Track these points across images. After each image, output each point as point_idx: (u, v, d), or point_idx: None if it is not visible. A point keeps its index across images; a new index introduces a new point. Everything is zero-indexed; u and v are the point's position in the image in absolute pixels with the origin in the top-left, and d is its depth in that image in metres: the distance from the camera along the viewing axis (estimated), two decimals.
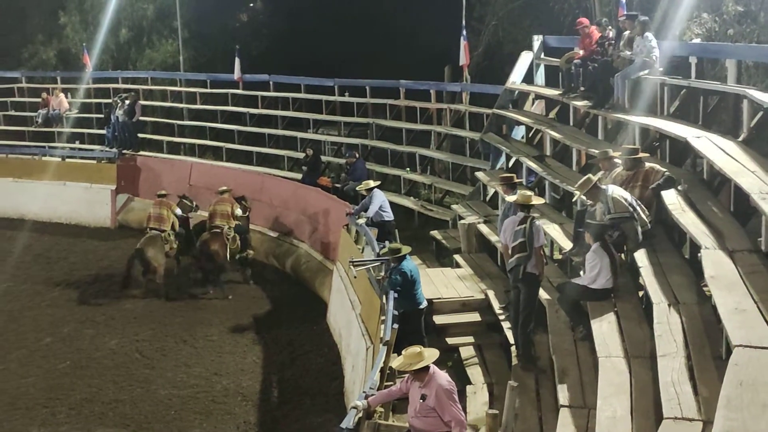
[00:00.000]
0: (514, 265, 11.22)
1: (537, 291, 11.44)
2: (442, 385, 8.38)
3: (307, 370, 14.13)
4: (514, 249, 11.21)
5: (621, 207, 11.05)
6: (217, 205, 18.31)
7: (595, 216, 11.26)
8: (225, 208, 18.26)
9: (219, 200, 18.45)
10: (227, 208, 18.25)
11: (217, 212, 18.17)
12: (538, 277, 11.30)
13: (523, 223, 11.15)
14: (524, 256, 11.05)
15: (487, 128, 19.79)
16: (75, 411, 12.98)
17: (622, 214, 11.04)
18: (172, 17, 33.01)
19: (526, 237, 11.04)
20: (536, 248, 11.12)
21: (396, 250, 12.26)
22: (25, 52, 36.04)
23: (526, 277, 11.13)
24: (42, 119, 31.23)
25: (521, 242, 11.08)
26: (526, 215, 11.25)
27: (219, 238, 17.85)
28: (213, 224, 18.01)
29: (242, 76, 28.49)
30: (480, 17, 26.80)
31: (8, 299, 18.05)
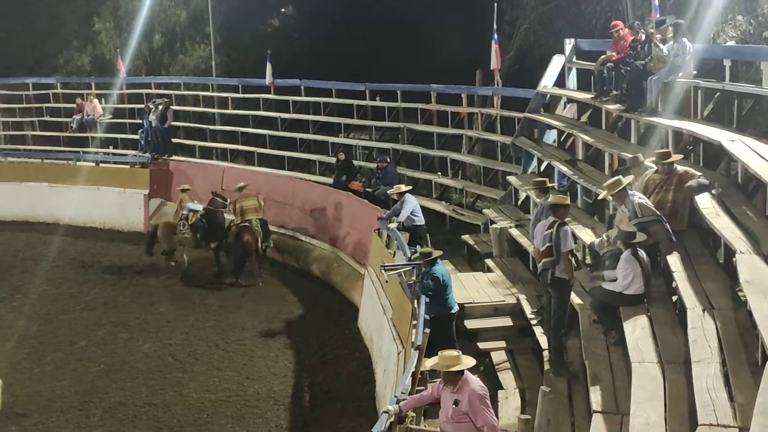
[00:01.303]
0: (542, 269, 11.19)
1: (567, 296, 11.35)
2: (476, 390, 8.34)
3: (339, 375, 14.15)
4: (542, 253, 11.16)
5: (648, 211, 11.03)
6: (244, 201, 18.99)
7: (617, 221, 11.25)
8: (252, 202, 19.03)
9: (242, 196, 19.15)
10: (254, 203, 19.05)
11: (246, 208, 18.91)
12: (568, 282, 11.22)
13: (551, 227, 11.09)
14: (551, 260, 10.99)
15: (518, 132, 19.72)
16: (109, 414, 13.09)
17: (649, 218, 10.99)
18: (204, 23, 33.25)
19: (553, 241, 10.96)
20: (564, 253, 11.04)
21: (427, 254, 12.26)
22: (60, 58, 36.49)
23: (554, 281, 11.08)
24: (76, 124, 31.55)
25: (548, 246, 11.01)
26: (555, 219, 11.17)
27: (249, 230, 18.63)
28: (245, 219, 18.76)
29: (274, 81, 28.59)
30: (511, 21, 26.73)
31: (44, 303, 18.23)
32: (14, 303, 18.36)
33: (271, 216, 21.16)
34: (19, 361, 15.14)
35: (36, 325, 16.98)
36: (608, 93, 16.64)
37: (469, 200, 21.03)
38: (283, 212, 21.17)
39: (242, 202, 19.01)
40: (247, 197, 19.18)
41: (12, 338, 16.29)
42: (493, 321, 13.61)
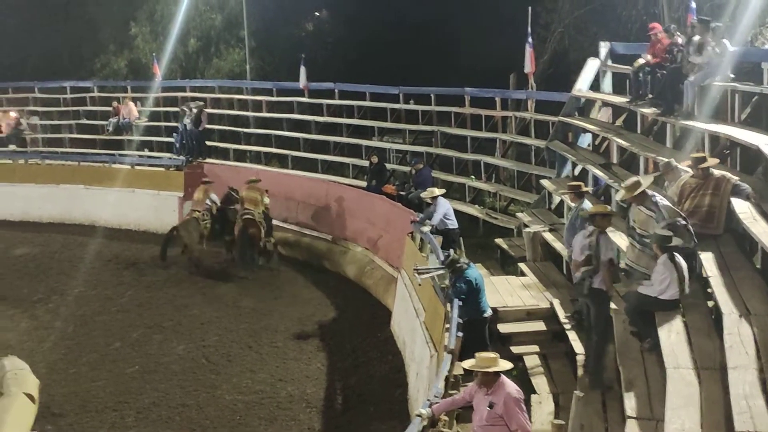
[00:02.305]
0: (579, 279, 11.05)
1: (606, 307, 11.10)
2: (511, 394, 8.31)
3: (372, 378, 14.16)
4: (581, 263, 11.02)
5: (673, 212, 10.96)
6: (247, 192, 20.20)
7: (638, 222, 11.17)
8: (254, 195, 20.13)
9: (248, 188, 20.35)
10: (256, 195, 20.11)
11: (247, 198, 20.03)
12: (606, 293, 11.06)
13: (591, 235, 10.97)
14: (590, 270, 10.87)
15: (552, 136, 19.64)
16: (143, 415, 13.20)
17: (677, 219, 10.92)
18: (239, 27, 33.44)
19: (593, 250, 10.84)
20: (604, 261, 10.93)
21: (454, 262, 12.22)
22: (97, 62, 36.87)
23: (592, 292, 10.93)
24: (112, 127, 31.82)
25: (588, 255, 10.88)
26: (595, 228, 11.03)
27: (253, 222, 19.64)
28: (244, 209, 19.84)
29: (308, 85, 28.67)
30: (546, 24, 26.65)
31: (80, 304, 18.42)
32: (51, 304, 18.56)
33: (305, 219, 21.32)
34: (55, 361, 15.31)
35: (72, 326, 17.16)
36: (644, 96, 16.53)
37: (503, 204, 20.96)
38: (316, 215, 21.24)
39: (246, 193, 20.25)
40: (252, 189, 20.29)
41: (49, 339, 16.48)
42: (527, 325, 13.55)
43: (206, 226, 20.51)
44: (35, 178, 26.76)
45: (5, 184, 26.71)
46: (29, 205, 26.05)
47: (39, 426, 11.57)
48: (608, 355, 11.03)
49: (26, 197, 26.16)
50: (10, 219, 25.95)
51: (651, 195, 11.13)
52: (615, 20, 23.72)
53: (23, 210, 26.06)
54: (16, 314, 17.88)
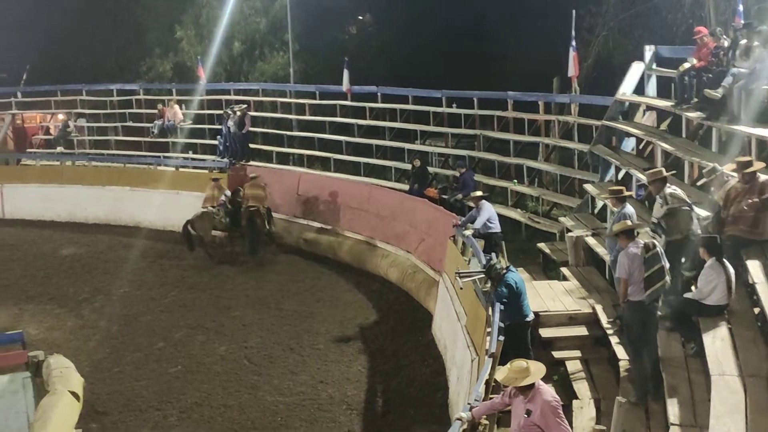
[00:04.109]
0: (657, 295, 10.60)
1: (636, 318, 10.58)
2: (548, 402, 8.19)
3: (412, 381, 14.14)
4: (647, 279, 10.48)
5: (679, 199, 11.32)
6: (251, 190, 21.72)
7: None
8: (258, 192, 21.71)
9: (251, 185, 21.95)
10: (260, 192, 21.73)
11: (252, 195, 21.54)
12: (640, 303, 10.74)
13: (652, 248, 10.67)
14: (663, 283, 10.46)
15: (596, 140, 19.50)
16: (185, 414, 13.32)
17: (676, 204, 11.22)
18: (283, 30, 33.69)
19: (663, 261, 10.42)
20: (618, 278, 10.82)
21: (492, 269, 12.16)
22: (143, 65, 37.37)
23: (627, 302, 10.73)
24: (157, 130, 32.16)
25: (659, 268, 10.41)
26: (646, 243, 10.77)
27: (259, 215, 21.32)
28: (249, 205, 21.30)
29: (351, 88, 28.75)
30: (590, 28, 26.49)
31: (124, 304, 18.64)
32: (96, 304, 18.81)
33: (347, 222, 21.38)
34: (100, 360, 15.51)
35: (116, 325, 17.37)
36: (689, 100, 16.35)
37: (545, 208, 20.86)
38: (358, 218, 21.29)
39: (249, 190, 21.71)
40: (255, 187, 21.88)
41: (94, 338, 16.71)
42: (568, 330, 13.45)
43: (220, 220, 21.63)
44: (82, 179, 27.13)
45: (53, 185, 27.13)
46: (76, 206, 26.42)
47: (83, 424, 11.69)
48: (650, 362, 10.93)
49: (73, 198, 26.53)
50: (57, 220, 26.37)
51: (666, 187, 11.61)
52: (660, 23, 23.51)
53: (70, 211, 26.43)
54: (63, 313, 18.15)
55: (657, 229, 11.75)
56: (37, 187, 27.31)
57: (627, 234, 10.78)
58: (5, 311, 18.29)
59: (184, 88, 34.05)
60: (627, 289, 10.54)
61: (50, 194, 26.91)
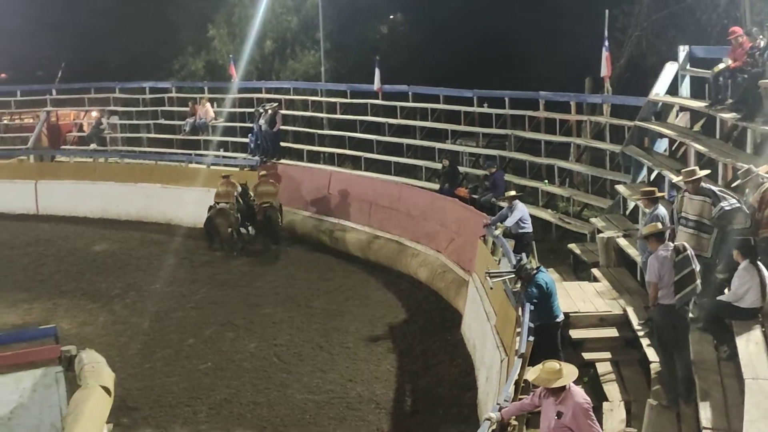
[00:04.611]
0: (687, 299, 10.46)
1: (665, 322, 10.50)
2: (580, 404, 8.12)
3: (441, 380, 14.13)
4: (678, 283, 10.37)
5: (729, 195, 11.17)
6: (263, 187, 22.62)
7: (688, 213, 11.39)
8: (270, 188, 22.60)
9: (261, 182, 22.87)
10: (271, 189, 22.60)
11: (264, 192, 22.42)
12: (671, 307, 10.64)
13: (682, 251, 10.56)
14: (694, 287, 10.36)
15: (628, 141, 19.37)
16: (215, 411, 13.39)
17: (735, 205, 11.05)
18: (314, 29, 33.72)
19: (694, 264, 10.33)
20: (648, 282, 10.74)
21: (522, 270, 12.11)
22: (175, 64, 37.60)
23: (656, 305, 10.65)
24: (189, 128, 32.32)
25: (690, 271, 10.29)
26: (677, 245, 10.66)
27: (274, 209, 22.22)
28: (263, 201, 22.21)
29: (382, 87, 28.74)
30: (623, 28, 26.33)
31: (155, 300, 18.79)
32: (128, 300, 18.97)
33: (377, 221, 21.40)
34: (131, 356, 15.64)
35: (148, 321, 17.50)
36: (723, 101, 16.20)
37: (576, 209, 20.75)
38: (389, 217, 21.30)
39: (261, 187, 22.58)
40: (266, 183, 22.79)
41: (125, 334, 16.85)
42: (599, 331, 13.38)
43: (236, 215, 22.39)
44: (114, 176, 27.38)
45: (86, 182, 27.40)
46: (108, 203, 26.65)
47: (114, 418, 11.78)
48: (682, 365, 10.84)
49: (106, 195, 26.77)
50: (90, 216, 26.64)
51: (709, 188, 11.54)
52: (694, 24, 23.31)
53: (103, 207, 26.68)
54: (95, 309, 18.33)
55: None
56: (70, 183, 27.60)
57: (657, 236, 10.69)
58: (39, 306, 18.51)
59: (216, 87, 34.23)
60: (657, 293, 10.46)
61: (83, 191, 27.18)
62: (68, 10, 36.94)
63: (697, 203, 11.62)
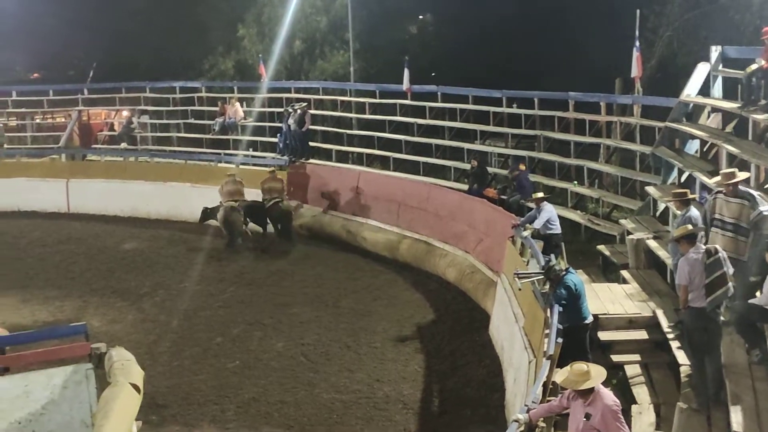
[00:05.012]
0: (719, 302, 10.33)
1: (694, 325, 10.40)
2: (609, 406, 8.08)
3: (469, 381, 14.09)
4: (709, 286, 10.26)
5: None
6: (271, 183, 23.02)
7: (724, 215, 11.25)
8: (278, 185, 23.09)
9: (269, 179, 23.16)
10: (279, 185, 23.12)
11: (273, 188, 22.91)
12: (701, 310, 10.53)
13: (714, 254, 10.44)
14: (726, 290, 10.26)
15: (659, 142, 19.24)
16: (242, 409, 13.42)
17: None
18: (344, 29, 33.78)
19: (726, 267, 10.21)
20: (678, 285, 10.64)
21: (551, 271, 12.05)
22: (205, 63, 37.85)
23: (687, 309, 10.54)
24: (219, 127, 32.52)
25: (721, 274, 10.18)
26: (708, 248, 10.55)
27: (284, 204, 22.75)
28: (272, 197, 22.71)
29: (411, 87, 28.75)
30: (654, 28, 26.14)
31: (184, 299, 18.86)
32: (156, 298, 19.07)
33: (405, 221, 21.38)
34: (160, 354, 15.71)
35: (176, 320, 17.57)
36: (756, 102, 16.03)
37: (606, 210, 20.64)
38: (417, 217, 21.26)
39: (268, 184, 22.95)
40: (273, 180, 23.18)
41: (154, 332, 16.93)
42: (628, 333, 13.29)
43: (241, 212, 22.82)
44: (145, 175, 27.53)
45: (117, 180, 27.58)
46: (138, 202, 26.81)
47: (143, 415, 11.83)
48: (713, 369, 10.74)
49: (136, 194, 26.91)
50: (120, 215, 26.81)
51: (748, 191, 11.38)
52: (726, 24, 23.07)
53: (133, 206, 26.83)
54: (124, 307, 18.44)
55: None
56: (101, 182, 27.79)
57: (689, 239, 10.59)
58: (70, 303, 18.67)
59: (246, 86, 34.42)
60: (687, 296, 10.36)
61: (114, 189, 27.36)
62: (100, 12, 37.27)
63: (735, 206, 11.47)
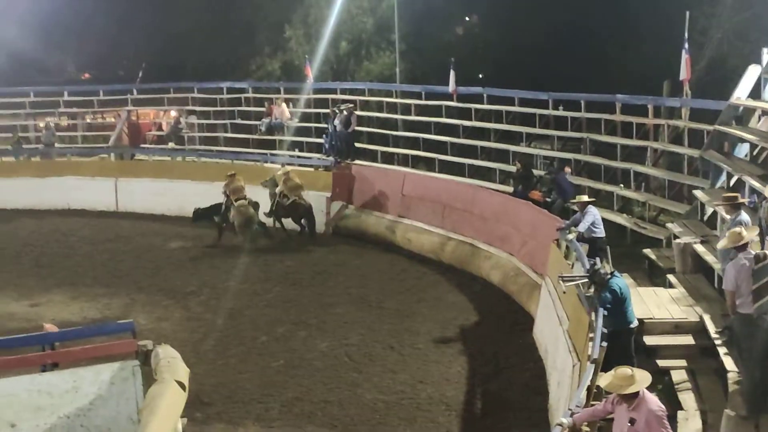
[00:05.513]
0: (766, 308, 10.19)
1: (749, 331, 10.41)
2: (654, 411, 8.02)
3: (512, 384, 14.03)
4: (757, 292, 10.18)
5: None
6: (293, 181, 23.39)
7: None
8: (298, 183, 23.43)
9: (287, 178, 23.45)
10: (300, 183, 23.46)
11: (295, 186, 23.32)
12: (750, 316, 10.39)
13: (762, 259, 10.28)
14: None
15: (707, 145, 19.02)
16: (286, 408, 13.48)
17: None
18: (390, 31, 33.85)
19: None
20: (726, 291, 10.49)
21: (596, 274, 11.96)
22: (252, 64, 38.14)
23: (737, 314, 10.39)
24: (265, 127, 32.74)
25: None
26: (757, 253, 10.41)
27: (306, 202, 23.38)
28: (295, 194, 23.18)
29: (457, 89, 28.72)
30: (703, 30, 25.85)
31: (229, 298, 19.00)
32: (202, 297, 19.24)
33: (450, 223, 21.36)
34: (205, 352, 15.83)
35: (222, 318, 17.70)
36: None
37: (652, 214, 20.45)
38: (462, 219, 21.23)
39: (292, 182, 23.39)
40: (296, 179, 23.54)
41: (200, 330, 17.08)
42: (674, 338, 13.17)
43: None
44: (191, 175, 27.78)
45: (164, 180, 27.88)
46: (185, 201, 26.94)
47: (188, 413, 11.94)
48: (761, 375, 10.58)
49: (183, 193, 27.10)
50: (167, 213, 27.08)
51: None
52: None
53: (179, 205, 27.02)
54: (170, 305, 18.63)
55: None
56: (149, 181, 28.12)
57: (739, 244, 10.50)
58: (118, 301, 18.91)
59: (292, 87, 34.61)
60: (734, 301, 10.25)
61: (161, 189, 27.66)
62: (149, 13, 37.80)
63: None
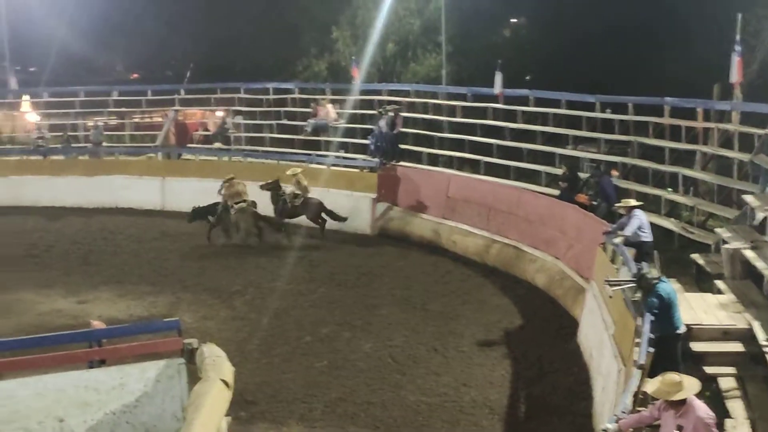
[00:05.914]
0: None
1: None
2: (702, 418, 7.93)
3: (556, 388, 13.96)
4: None
5: None
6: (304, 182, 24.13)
7: None
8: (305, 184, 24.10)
9: (298, 179, 24.16)
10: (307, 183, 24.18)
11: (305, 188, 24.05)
12: None
13: None
14: None
15: (758, 149, 18.75)
16: (330, 409, 13.54)
17: None
18: (437, 32, 33.80)
19: None
20: None
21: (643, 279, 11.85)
22: (299, 65, 38.36)
23: None
24: (311, 128, 32.84)
25: None
26: None
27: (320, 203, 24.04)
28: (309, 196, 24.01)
29: (503, 91, 28.59)
30: (756, 32, 25.47)
31: (275, 298, 19.09)
32: (247, 296, 19.36)
33: (495, 225, 21.30)
34: (250, 351, 15.94)
35: (266, 318, 17.79)
36: None
37: (700, 218, 20.19)
38: (507, 222, 21.15)
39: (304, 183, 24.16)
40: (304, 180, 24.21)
41: (244, 329, 17.20)
42: (722, 345, 13.00)
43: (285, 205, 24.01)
44: (237, 175, 27.86)
45: (210, 179, 27.99)
46: None
47: (233, 411, 12.04)
48: None
49: None
50: None
51: None
52: None
53: None
54: (216, 304, 18.78)
55: None
56: (195, 181, 28.28)
57: None
58: (164, 299, 19.11)
59: (338, 88, 34.67)
60: None
61: (208, 188, 27.68)
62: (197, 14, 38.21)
63: None
